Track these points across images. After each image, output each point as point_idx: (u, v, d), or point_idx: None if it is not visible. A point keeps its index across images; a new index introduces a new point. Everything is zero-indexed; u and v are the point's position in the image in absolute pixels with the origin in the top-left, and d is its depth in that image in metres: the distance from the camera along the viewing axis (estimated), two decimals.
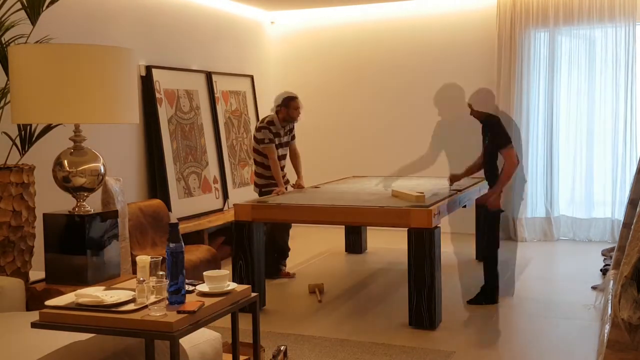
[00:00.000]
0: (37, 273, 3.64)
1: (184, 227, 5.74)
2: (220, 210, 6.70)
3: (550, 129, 7.12)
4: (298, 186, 5.70)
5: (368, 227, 6.88)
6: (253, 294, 2.69)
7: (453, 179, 5.51)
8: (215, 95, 6.88)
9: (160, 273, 2.46)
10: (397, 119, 7.84)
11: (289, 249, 5.83)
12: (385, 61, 7.84)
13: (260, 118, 7.77)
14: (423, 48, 7.67)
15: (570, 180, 7.25)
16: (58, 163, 3.22)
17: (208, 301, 2.46)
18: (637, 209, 2.28)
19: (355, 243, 6.68)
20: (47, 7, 3.85)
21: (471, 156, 5.60)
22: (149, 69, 5.97)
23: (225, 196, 6.82)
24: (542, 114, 7.20)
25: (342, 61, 8.05)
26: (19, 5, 3.84)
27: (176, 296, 2.39)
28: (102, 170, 3.28)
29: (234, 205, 4.77)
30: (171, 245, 2.39)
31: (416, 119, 7.73)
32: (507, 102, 7.14)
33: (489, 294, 4.77)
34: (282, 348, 3.66)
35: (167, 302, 2.38)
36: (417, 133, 7.72)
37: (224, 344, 3.10)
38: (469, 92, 7.54)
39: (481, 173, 5.77)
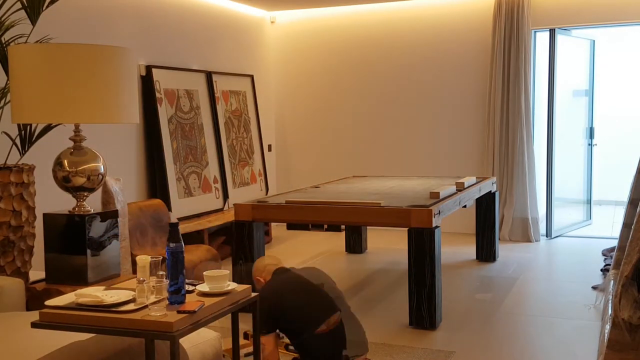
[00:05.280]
0: (37, 273, 3.64)
1: (184, 227, 5.74)
2: (221, 210, 6.70)
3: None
4: None
5: (368, 227, 6.89)
6: (253, 294, 2.69)
7: None
8: (215, 95, 6.88)
9: (160, 273, 2.46)
10: (398, 119, 7.85)
11: None
12: (386, 61, 7.85)
13: (261, 118, 7.80)
14: (423, 48, 7.67)
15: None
16: (58, 163, 3.22)
17: (208, 301, 2.46)
18: (638, 209, 2.28)
19: (355, 243, 6.68)
20: (47, 7, 3.85)
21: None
22: (149, 69, 5.97)
23: (226, 196, 6.82)
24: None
25: (342, 60, 8.05)
26: (19, 5, 3.84)
27: (176, 296, 2.39)
28: (102, 170, 3.28)
29: (234, 205, 4.78)
30: (171, 245, 2.39)
31: (417, 118, 7.73)
32: (506, 102, 7.14)
33: None
34: None
35: (167, 302, 2.38)
36: (417, 132, 7.73)
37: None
38: (468, 92, 7.60)
39: (483, 173, 5.73)
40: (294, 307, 3.18)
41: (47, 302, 2.44)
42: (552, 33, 6.98)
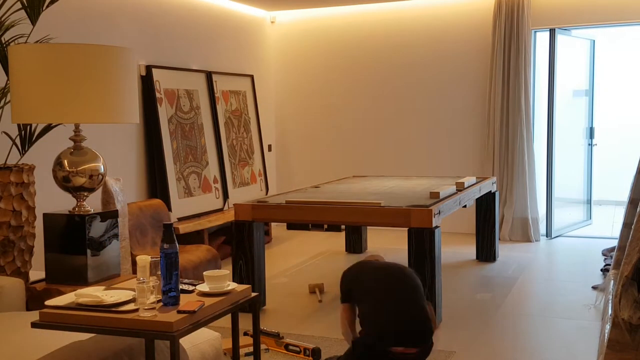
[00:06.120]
0: (37, 273, 3.64)
1: (184, 227, 5.74)
2: (221, 210, 6.70)
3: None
4: None
5: (368, 227, 6.88)
6: (253, 294, 2.69)
7: None
8: (215, 95, 6.88)
9: (160, 273, 2.45)
10: (398, 119, 7.85)
11: None
12: (386, 60, 7.85)
13: (261, 118, 7.80)
14: (423, 48, 7.68)
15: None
16: (58, 163, 3.22)
17: (208, 301, 2.46)
18: (638, 209, 2.28)
19: (355, 243, 6.68)
20: (47, 7, 3.85)
21: None
22: (149, 68, 5.97)
23: (226, 196, 6.82)
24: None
25: (342, 60, 8.05)
26: (19, 5, 3.84)
27: (169, 297, 2.39)
28: (102, 170, 3.28)
29: (234, 205, 4.78)
30: (165, 246, 2.38)
31: (417, 119, 7.73)
32: (506, 102, 7.14)
33: None
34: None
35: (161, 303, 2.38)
36: (417, 132, 7.73)
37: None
38: (468, 92, 7.58)
39: (483, 173, 5.74)
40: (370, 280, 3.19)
41: (47, 302, 2.44)
42: (552, 33, 6.98)
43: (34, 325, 2.39)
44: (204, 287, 2.57)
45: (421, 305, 3.07)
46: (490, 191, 6.04)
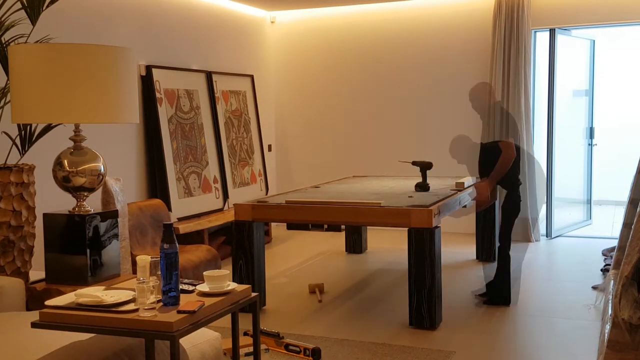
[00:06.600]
0: (37, 273, 3.64)
1: (184, 227, 5.74)
2: (221, 210, 6.70)
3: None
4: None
5: (368, 227, 6.87)
6: (253, 294, 2.69)
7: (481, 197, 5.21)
8: (215, 95, 6.88)
9: (160, 273, 2.45)
10: (398, 119, 7.84)
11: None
12: (386, 60, 7.85)
13: (261, 118, 7.80)
14: (423, 48, 7.67)
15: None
16: (58, 163, 3.22)
17: (208, 301, 2.46)
18: (638, 209, 2.28)
19: (355, 243, 6.68)
20: (47, 7, 3.84)
21: None
22: (149, 68, 5.97)
23: (226, 196, 6.82)
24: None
25: (342, 60, 8.05)
26: (19, 5, 3.84)
27: (170, 297, 2.39)
28: (102, 170, 3.28)
29: (234, 205, 4.78)
30: (165, 246, 2.38)
31: (417, 118, 7.73)
32: (506, 102, 7.14)
33: (500, 294, 4.77)
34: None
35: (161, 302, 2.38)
36: (417, 133, 7.73)
37: None
38: (467, 92, 7.55)
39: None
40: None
41: (47, 302, 2.44)
42: (552, 33, 6.97)
43: (34, 325, 2.39)
44: (204, 287, 2.57)
45: None
46: None
